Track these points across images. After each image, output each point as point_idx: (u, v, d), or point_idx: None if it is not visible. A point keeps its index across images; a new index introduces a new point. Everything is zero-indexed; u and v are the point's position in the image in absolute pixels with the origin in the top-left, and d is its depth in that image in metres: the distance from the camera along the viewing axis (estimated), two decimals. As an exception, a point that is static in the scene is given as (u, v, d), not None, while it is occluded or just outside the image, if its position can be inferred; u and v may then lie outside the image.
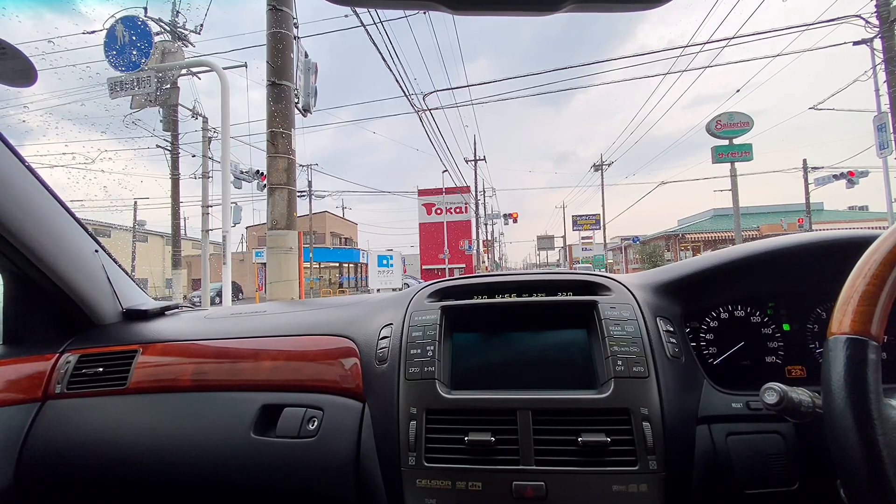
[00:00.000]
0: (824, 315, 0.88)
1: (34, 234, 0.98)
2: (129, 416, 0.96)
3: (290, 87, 5.00)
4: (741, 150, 18.51)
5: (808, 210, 20.94)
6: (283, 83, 4.92)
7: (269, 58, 4.81)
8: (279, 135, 4.87)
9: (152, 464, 0.90)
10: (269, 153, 4.88)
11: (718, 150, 18.60)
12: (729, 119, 19.13)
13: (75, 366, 1.04)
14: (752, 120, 19.18)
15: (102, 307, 1.16)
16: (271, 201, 4.94)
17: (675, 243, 25.38)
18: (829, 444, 0.50)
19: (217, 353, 1.01)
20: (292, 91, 5.03)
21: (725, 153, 18.92)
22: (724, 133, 18.76)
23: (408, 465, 0.73)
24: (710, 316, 0.92)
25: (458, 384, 0.81)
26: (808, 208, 20.98)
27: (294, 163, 4.99)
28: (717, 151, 18.93)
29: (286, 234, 4.90)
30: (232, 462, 0.87)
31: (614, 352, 0.77)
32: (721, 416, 0.76)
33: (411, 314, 0.90)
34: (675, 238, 25.47)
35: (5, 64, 0.96)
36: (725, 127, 18.93)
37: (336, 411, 0.87)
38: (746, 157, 18.79)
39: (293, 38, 5.05)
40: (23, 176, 0.97)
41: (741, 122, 19.11)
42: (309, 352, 0.97)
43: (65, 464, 0.94)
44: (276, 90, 4.90)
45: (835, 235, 0.85)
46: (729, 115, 19.11)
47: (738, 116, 19.16)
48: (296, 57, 5.15)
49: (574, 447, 0.70)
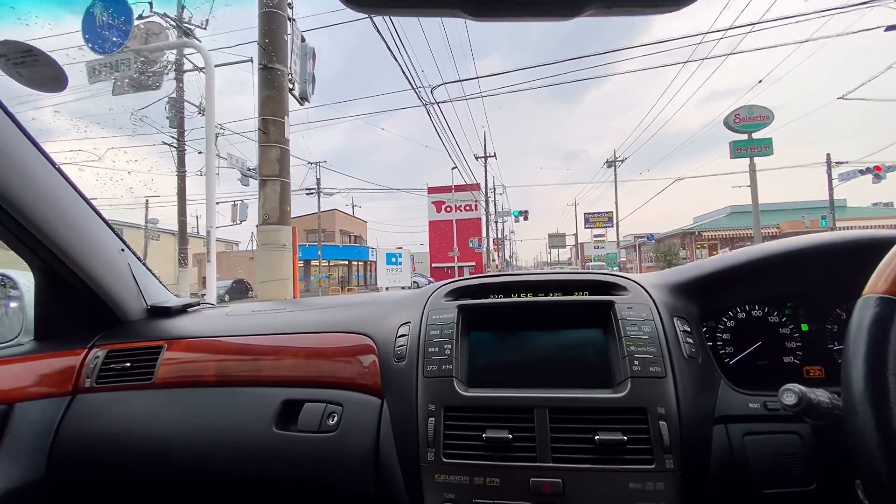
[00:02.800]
0: (844, 315, 0.86)
1: (65, 235, 1.01)
2: (156, 410, 0.98)
3: (284, 71, 4.66)
4: (761, 144, 17.94)
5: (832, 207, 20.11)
6: (275, 67, 4.59)
7: (261, 39, 4.49)
8: (271, 122, 4.53)
9: (179, 456, 0.93)
10: (261, 142, 4.55)
11: (737, 145, 18.27)
12: (748, 113, 18.54)
13: (104, 361, 1.06)
14: (772, 114, 18.53)
15: (128, 304, 1.19)
16: (263, 194, 4.59)
17: (692, 241, 24.62)
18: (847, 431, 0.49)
19: (239, 350, 1.03)
20: (286, 76, 4.68)
21: (744, 148, 18.43)
22: (742, 127, 18.48)
23: (427, 461, 0.74)
24: (726, 315, 0.91)
25: (475, 382, 0.82)
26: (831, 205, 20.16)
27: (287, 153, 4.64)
28: (736, 146, 18.44)
29: (279, 230, 4.56)
30: (255, 455, 0.89)
31: (631, 352, 0.77)
32: (738, 416, 0.76)
33: (428, 313, 0.90)
34: (691, 236, 24.70)
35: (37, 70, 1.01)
36: (744, 121, 18.35)
37: (355, 407, 0.89)
38: (766, 152, 18.24)
39: (287, 18, 4.70)
40: (54, 179, 0.99)
41: (761, 115, 18.52)
42: (328, 349, 0.98)
43: (94, 455, 0.97)
44: (268, 74, 4.59)
45: (857, 235, 0.84)
46: (748, 109, 18.52)
47: (758, 110, 18.56)
48: (290, 39, 4.79)
49: (591, 445, 0.71)
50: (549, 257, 79.78)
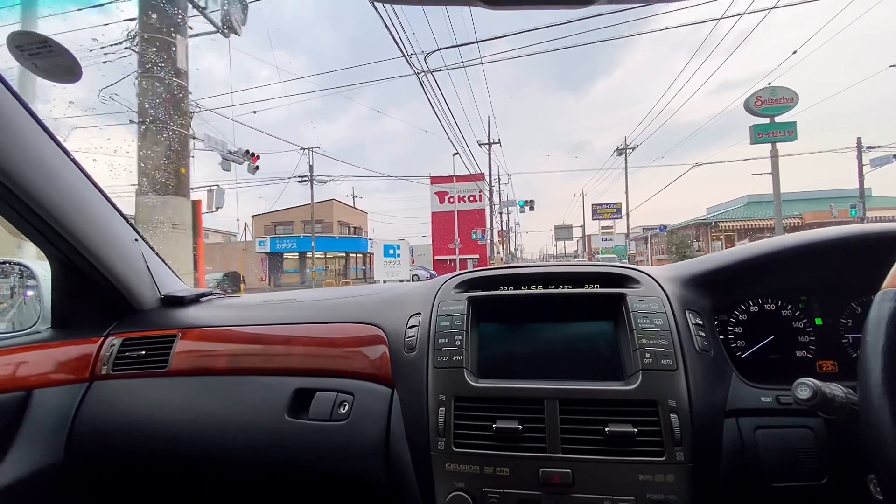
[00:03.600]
0: (859, 310, 0.86)
1: (81, 226, 1.02)
2: (171, 398, 1.00)
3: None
4: (784, 128, 17.01)
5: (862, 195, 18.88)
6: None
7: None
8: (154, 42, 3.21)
9: (193, 443, 0.95)
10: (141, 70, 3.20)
11: (758, 130, 17.81)
12: (771, 94, 17.67)
13: (119, 349, 1.09)
14: (796, 95, 17.67)
15: (143, 293, 1.20)
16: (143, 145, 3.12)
17: (707, 232, 23.32)
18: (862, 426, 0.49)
19: (251, 339, 1.05)
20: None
21: (766, 132, 17.81)
22: (765, 111, 17.79)
23: (437, 450, 0.75)
24: (739, 309, 0.91)
25: (485, 373, 0.82)
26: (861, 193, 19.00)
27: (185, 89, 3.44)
28: (757, 131, 17.84)
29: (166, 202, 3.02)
30: (268, 442, 0.91)
31: (642, 344, 0.78)
32: (750, 410, 0.76)
33: (439, 304, 0.91)
34: (706, 227, 23.38)
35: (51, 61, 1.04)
36: (766, 104, 17.54)
37: (366, 396, 0.90)
38: (790, 137, 17.58)
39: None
40: (70, 170, 0.99)
41: (784, 97, 17.69)
42: (339, 339, 1.00)
43: (111, 441, 0.99)
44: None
45: (875, 229, 0.82)
46: (771, 90, 17.66)
47: (781, 92, 17.73)
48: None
49: (601, 437, 0.71)
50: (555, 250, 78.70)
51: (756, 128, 16.77)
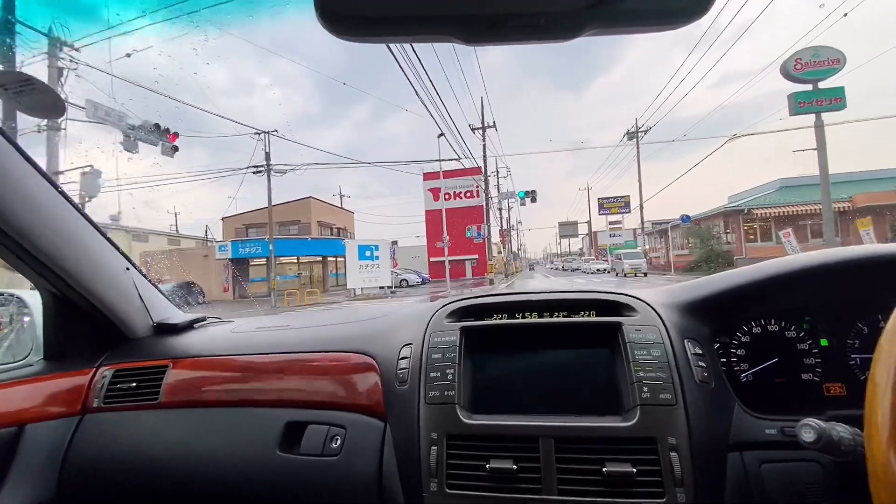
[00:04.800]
0: (866, 330, 0.84)
1: (70, 257, 1.01)
2: (162, 430, 1.00)
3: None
4: (830, 95, 14.34)
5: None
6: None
7: None
8: None
9: (184, 477, 0.95)
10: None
11: (798, 98, 14.39)
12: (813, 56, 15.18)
13: (111, 380, 1.09)
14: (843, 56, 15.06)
15: (135, 322, 1.20)
16: None
17: (739, 222, 20.17)
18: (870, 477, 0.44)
19: (243, 368, 1.04)
20: None
21: (808, 101, 14.35)
22: (806, 75, 14.41)
23: (430, 491, 0.74)
24: (741, 330, 0.88)
25: (479, 408, 0.81)
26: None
27: None
28: (798, 99, 14.43)
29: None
30: (260, 478, 0.90)
31: (640, 377, 0.76)
32: (754, 443, 0.74)
33: (430, 335, 0.90)
34: (737, 215, 20.24)
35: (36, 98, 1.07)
36: (808, 67, 15.37)
37: (358, 430, 0.90)
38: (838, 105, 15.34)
39: None
40: (57, 201, 0.99)
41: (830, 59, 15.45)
42: (331, 368, 0.99)
43: (103, 476, 0.99)
44: None
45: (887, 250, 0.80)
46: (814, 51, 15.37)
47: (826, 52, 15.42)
48: None
49: (598, 477, 0.69)
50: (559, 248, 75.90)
51: (797, 95, 14.32)
